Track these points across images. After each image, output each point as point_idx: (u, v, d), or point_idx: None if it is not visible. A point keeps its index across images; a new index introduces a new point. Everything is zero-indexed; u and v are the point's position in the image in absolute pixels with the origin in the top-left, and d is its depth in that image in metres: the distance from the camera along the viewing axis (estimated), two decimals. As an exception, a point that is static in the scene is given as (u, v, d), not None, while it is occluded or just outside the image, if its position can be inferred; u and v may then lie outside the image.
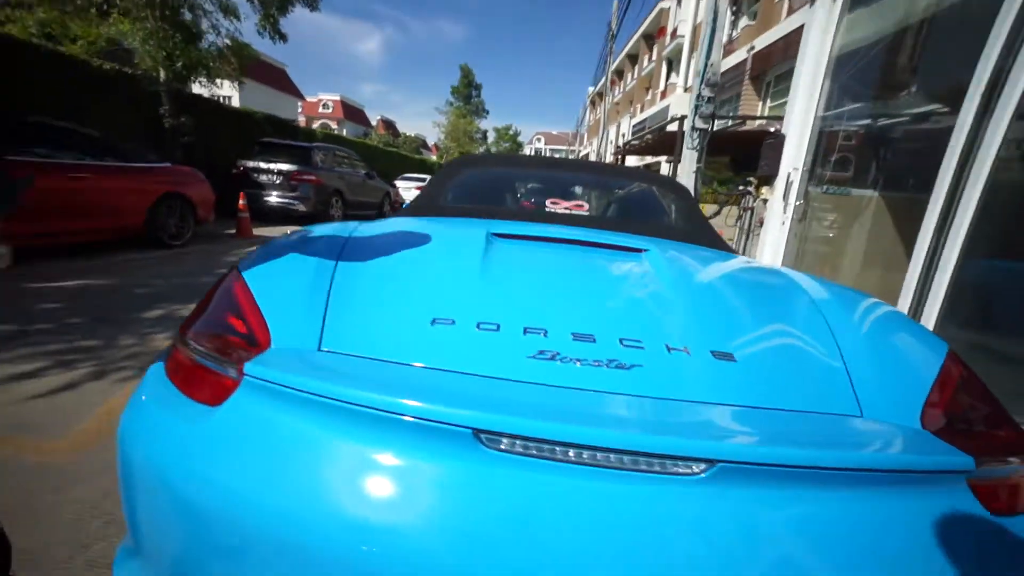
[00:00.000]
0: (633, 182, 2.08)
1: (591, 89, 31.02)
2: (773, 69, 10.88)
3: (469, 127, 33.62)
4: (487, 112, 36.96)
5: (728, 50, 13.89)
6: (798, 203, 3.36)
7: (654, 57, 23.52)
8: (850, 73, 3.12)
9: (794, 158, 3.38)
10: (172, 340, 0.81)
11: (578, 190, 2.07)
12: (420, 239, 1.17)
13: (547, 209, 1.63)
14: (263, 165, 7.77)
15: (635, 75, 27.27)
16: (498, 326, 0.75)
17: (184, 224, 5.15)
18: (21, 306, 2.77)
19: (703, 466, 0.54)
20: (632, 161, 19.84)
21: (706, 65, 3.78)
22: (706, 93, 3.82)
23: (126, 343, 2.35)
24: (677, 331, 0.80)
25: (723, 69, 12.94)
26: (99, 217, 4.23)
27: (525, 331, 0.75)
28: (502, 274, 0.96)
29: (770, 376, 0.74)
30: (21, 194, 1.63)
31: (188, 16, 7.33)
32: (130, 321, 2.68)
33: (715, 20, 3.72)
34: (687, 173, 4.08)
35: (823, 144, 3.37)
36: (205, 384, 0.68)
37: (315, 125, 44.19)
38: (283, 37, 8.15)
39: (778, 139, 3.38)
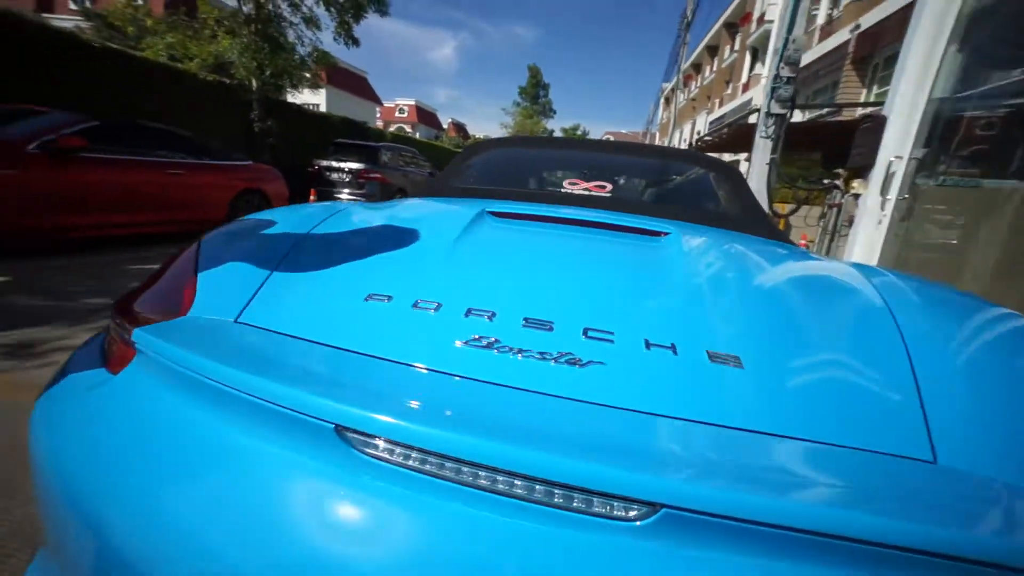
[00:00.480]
0: (675, 162, 1.83)
1: (665, 85, 29.48)
2: (883, 50, 9.49)
3: (536, 127, 33.66)
4: (554, 112, 36.78)
5: (826, 32, 12.44)
6: (902, 198, 2.81)
7: (736, 47, 21.79)
8: (990, 34, 2.53)
9: (898, 144, 2.83)
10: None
11: (606, 171, 1.87)
12: (407, 218, 1.07)
13: (564, 190, 1.46)
14: (335, 164, 8.33)
15: (714, 67, 25.47)
16: (438, 305, 0.63)
17: (260, 217, 5.62)
18: (120, 283, 3.14)
19: (641, 510, 0.38)
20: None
21: (787, 41, 3.29)
22: (785, 73, 3.32)
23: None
24: (668, 324, 0.62)
25: (820, 54, 11.62)
26: (189, 209, 4.73)
27: (468, 312, 0.61)
28: (473, 253, 0.83)
29: (792, 390, 0.53)
30: None
31: (275, 30, 8.04)
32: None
33: None
34: (759, 165, 3.60)
35: (941, 126, 2.78)
36: (117, 353, 0.63)
37: (392, 129, 47.16)
38: (356, 42, 8.67)
39: (876, 122, 2.85)
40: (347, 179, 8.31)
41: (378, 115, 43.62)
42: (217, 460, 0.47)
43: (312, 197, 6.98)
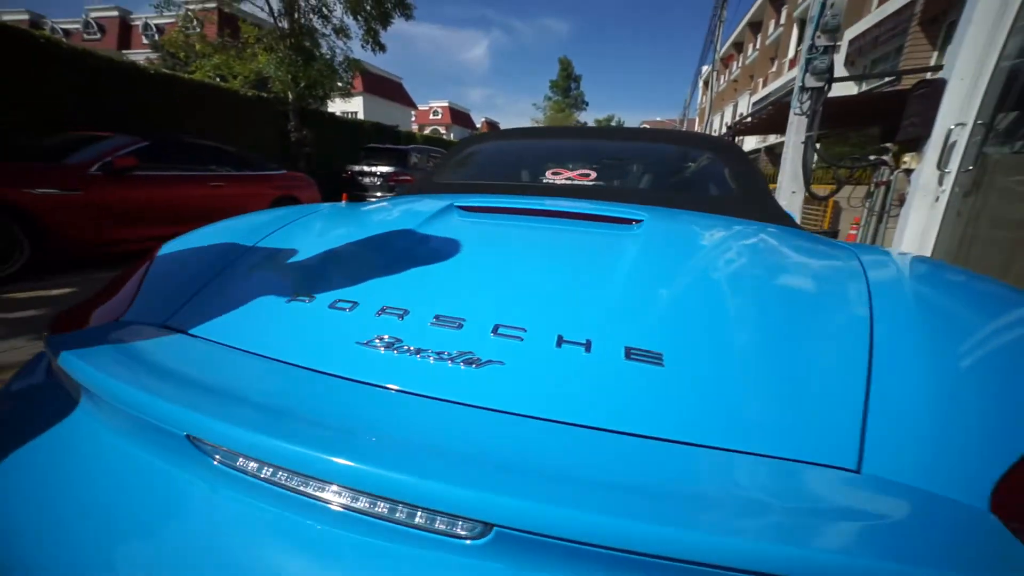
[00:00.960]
0: (669, 145, 1.70)
1: (705, 68, 28.06)
2: (959, 6, 8.53)
3: (567, 120, 33.14)
4: (586, 104, 36.08)
5: (885, -6, 11.33)
6: (965, 171, 2.48)
7: (782, 20, 20.33)
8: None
9: (960, 110, 2.50)
10: None
11: (593, 159, 1.76)
12: (369, 218, 1.04)
13: (546, 180, 1.39)
14: (367, 168, 8.59)
15: (758, 45, 23.95)
16: (354, 305, 0.60)
17: (296, 223, 5.90)
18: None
19: (476, 528, 0.35)
20: (751, 143, 17.33)
21: (823, 6, 2.98)
22: (821, 42, 2.99)
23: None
24: (592, 318, 0.56)
25: (880, 18, 10.58)
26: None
27: (381, 311, 0.59)
28: (418, 250, 0.79)
29: (715, 390, 0.47)
30: None
31: (308, 42, 8.38)
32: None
33: None
34: (794, 145, 3.28)
35: (1020, 86, 2.42)
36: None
37: (427, 131, 48.14)
38: (383, 48, 8.87)
39: (933, 88, 2.53)
40: (378, 182, 8.55)
41: (413, 118, 44.66)
42: (88, 457, 0.48)
43: (344, 201, 7.23)
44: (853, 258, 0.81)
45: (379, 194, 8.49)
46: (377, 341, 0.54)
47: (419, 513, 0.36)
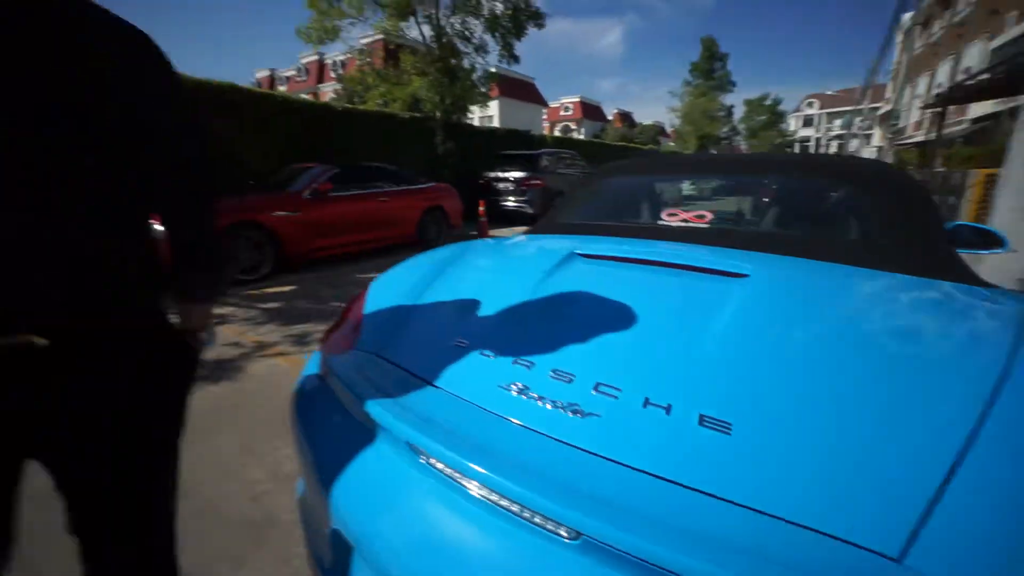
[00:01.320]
0: (807, 175, 1.51)
1: (906, 17, 22.10)
2: None
3: (709, 106, 29.83)
4: (733, 85, 31.94)
5: None
6: None
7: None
8: None
9: None
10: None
11: (714, 196, 1.65)
12: (509, 256, 1.25)
13: (661, 222, 1.42)
14: (501, 174, 9.21)
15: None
16: (494, 353, 0.80)
17: (440, 229, 6.73)
18: (349, 289, 4.29)
19: (572, 533, 0.51)
20: (975, 111, 12.97)
21: None
22: None
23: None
24: (674, 383, 0.65)
25: None
26: (391, 228, 6.01)
27: (514, 362, 0.77)
28: (543, 301, 0.95)
29: (776, 462, 0.53)
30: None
31: (453, 61, 9.34)
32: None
33: None
34: (1019, 156, 2.47)
35: None
36: (323, 368, 1.00)
37: (557, 128, 48.63)
38: (516, 59, 9.36)
39: None
40: (511, 187, 9.09)
41: (544, 116, 45.66)
42: (357, 451, 0.76)
43: (481, 207, 7.91)
44: (1011, 326, 0.71)
45: (511, 199, 9.03)
46: (512, 386, 0.72)
47: (534, 514, 0.54)
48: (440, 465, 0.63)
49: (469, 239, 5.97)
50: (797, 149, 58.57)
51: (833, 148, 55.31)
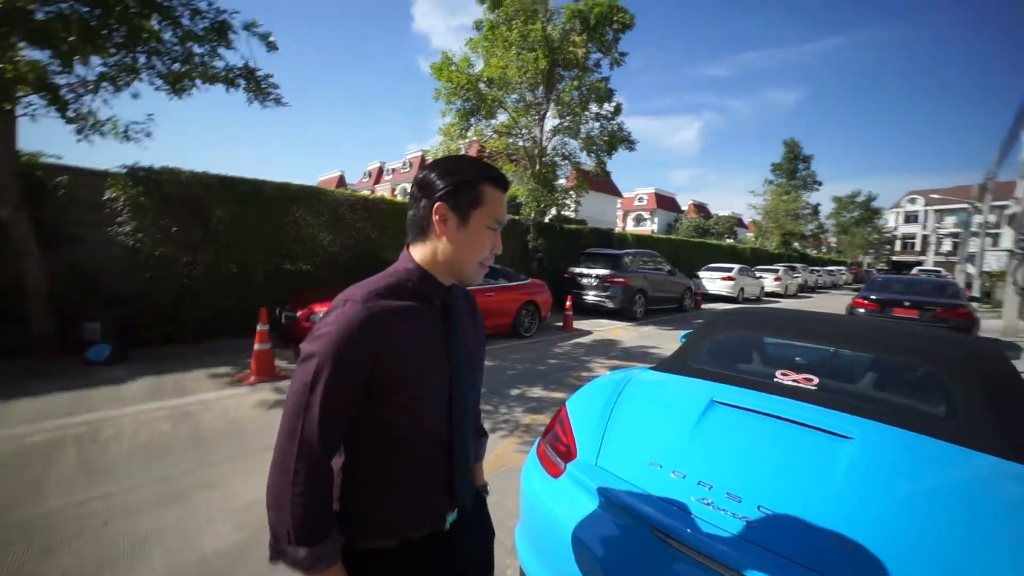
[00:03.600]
0: (912, 351, 1.76)
1: None
2: None
3: (792, 204, 29.52)
4: (819, 184, 31.56)
5: None
6: None
7: None
8: None
9: None
10: (541, 437, 1.72)
11: (822, 361, 2.01)
12: (664, 394, 1.75)
13: (775, 379, 1.74)
14: (584, 270, 9.98)
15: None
16: (684, 476, 1.26)
17: (533, 321, 7.45)
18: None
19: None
20: None
21: None
22: None
23: (503, 411, 3.90)
24: (784, 536, 1.04)
25: None
26: (493, 319, 6.84)
27: (699, 483, 1.22)
28: (703, 437, 1.40)
29: None
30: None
31: (551, 175, 10.78)
32: (504, 395, 4.35)
33: None
34: None
35: None
36: (551, 465, 1.52)
37: (630, 218, 50.11)
38: (608, 174, 10.56)
39: None
40: (595, 283, 9.77)
41: (619, 206, 47.56)
42: (595, 535, 1.24)
43: (568, 302, 8.61)
44: None
45: (593, 293, 9.66)
46: (703, 500, 1.16)
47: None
48: (673, 542, 1.09)
49: (555, 329, 6.67)
50: (899, 246, 53.87)
51: (947, 246, 50.02)
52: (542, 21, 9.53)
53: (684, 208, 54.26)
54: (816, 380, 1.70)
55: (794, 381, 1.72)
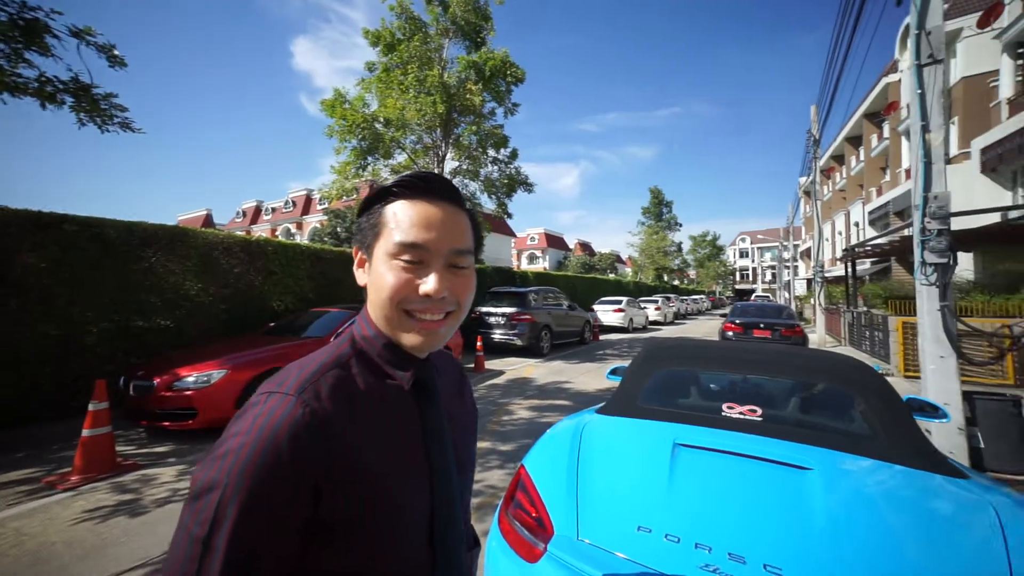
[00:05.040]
0: (819, 373, 2.02)
1: (802, 180, 27.91)
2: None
3: (662, 243, 34.50)
4: (680, 225, 37.46)
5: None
6: None
7: (886, 135, 20.23)
8: None
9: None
10: (501, 507, 1.48)
11: (754, 391, 2.20)
12: (624, 442, 1.66)
13: (723, 413, 1.80)
14: (491, 309, 9.97)
15: (861, 157, 23.63)
16: (679, 539, 1.16)
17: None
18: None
19: None
20: (864, 267, 15.97)
21: (925, 200, 3.37)
22: (934, 227, 3.32)
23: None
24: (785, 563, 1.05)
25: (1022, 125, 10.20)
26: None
27: (696, 546, 1.13)
28: (680, 489, 1.34)
29: None
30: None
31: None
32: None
33: (927, 155, 3.38)
34: (928, 312, 3.39)
35: None
36: (523, 547, 1.29)
37: (524, 256, 52.78)
38: (509, 215, 10.98)
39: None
40: (502, 321, 9.78)
41: (512, 245, 49.85)
42: None
43: (479, 341, 8.43)
44: (988, 508, 1.19)
45: (500, 331, 9.65)
46: (708, 566, 1.07)
47: None
48: None
49: (468, 370, 6.33)
50: (738, 277, 65.53)
51: (768, 276, 62.35)
52: (438, 68, 9.80)
53: (571, 246, 59.11)
54: (760, 411, 1.79)
55: (740, 414, 1.79)
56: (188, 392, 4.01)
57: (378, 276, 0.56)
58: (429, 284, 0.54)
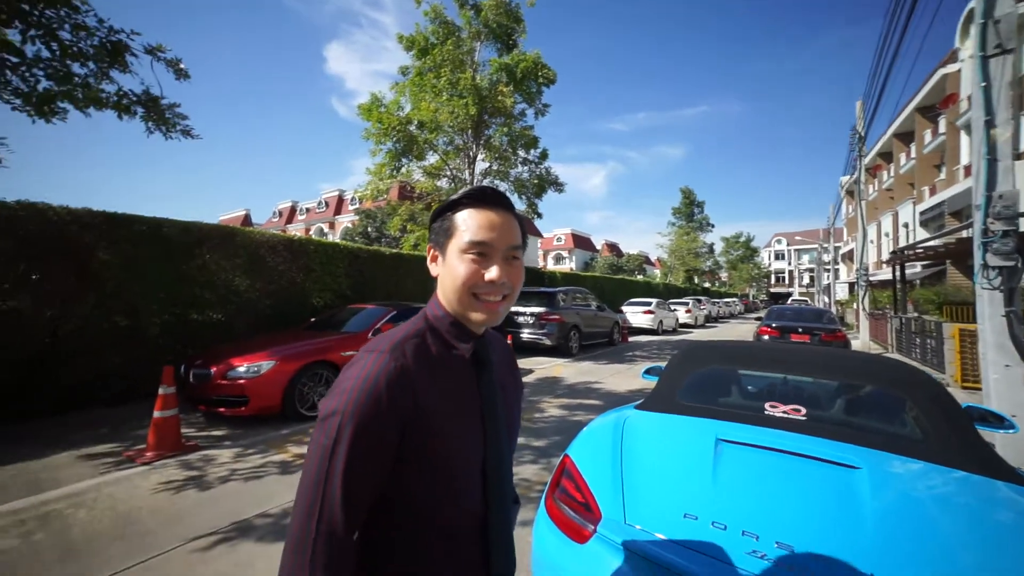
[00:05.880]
0: (866, 376, 1.96)
1: (844, 179, 26.54)
2: None
3: (693, 244, 33.61)
4: (712, 226, 36.36)
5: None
6: None
7: (941, 130, 18.98)
8: None
9: None
10: (547, 493, 1.54)
11: (798, 391, 2.15)
12: (666, 436, 1.68)
13: (765, 412, 1.78)
14: (520, 308, 10.03)
15: (912, 154, 22.30)
16: (726, 527, 1.19)
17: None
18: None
19: None
20: (914, 271, 15.00)
21: (988, 199, 3.19)
22: (998, 227, 3.14)
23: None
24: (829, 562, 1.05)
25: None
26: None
27: (743, 533, 1.16)
28: (725, 481, 1.36)
29: None
30: None
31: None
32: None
33: (992, 152, 3.19)
34: (989, 318, 3.20)
35: None
36: (572, 529, 1.35)
37: (550, 257, 52.62)
38: (539, 215, 11.02)
39: None
40: (531, 321, 9.83)
41: (539, 245, 49.85)
42: None
43: (508, 339, 8.53)
44: None
45: (529, 331, 9.69)
46: (755, 553, 1.09)
47: None
48: None
49: None
50: (773, 280, 63.02)
51: (805, 279, 59.62)
52: (470, 71, 9.97)
53: (598, 247, 58.46)
54: (804, 411, 1.76)
55: (784, 413, 1.77)
56: (241, 381, 4.29)
57: (452, 267, 0.70)
58: (493, 272, 0.69)
